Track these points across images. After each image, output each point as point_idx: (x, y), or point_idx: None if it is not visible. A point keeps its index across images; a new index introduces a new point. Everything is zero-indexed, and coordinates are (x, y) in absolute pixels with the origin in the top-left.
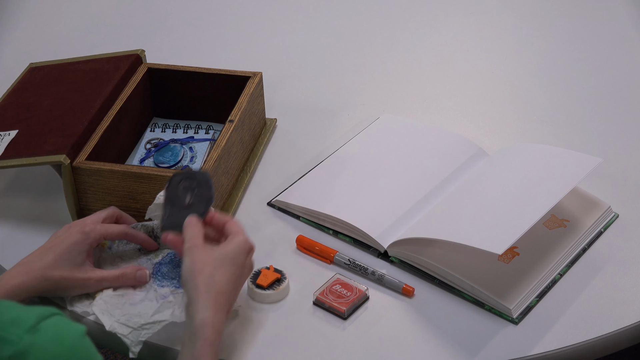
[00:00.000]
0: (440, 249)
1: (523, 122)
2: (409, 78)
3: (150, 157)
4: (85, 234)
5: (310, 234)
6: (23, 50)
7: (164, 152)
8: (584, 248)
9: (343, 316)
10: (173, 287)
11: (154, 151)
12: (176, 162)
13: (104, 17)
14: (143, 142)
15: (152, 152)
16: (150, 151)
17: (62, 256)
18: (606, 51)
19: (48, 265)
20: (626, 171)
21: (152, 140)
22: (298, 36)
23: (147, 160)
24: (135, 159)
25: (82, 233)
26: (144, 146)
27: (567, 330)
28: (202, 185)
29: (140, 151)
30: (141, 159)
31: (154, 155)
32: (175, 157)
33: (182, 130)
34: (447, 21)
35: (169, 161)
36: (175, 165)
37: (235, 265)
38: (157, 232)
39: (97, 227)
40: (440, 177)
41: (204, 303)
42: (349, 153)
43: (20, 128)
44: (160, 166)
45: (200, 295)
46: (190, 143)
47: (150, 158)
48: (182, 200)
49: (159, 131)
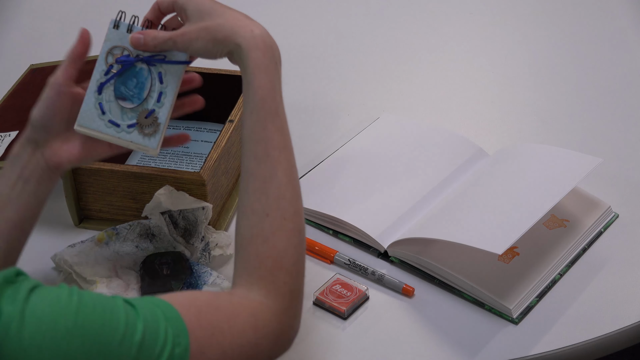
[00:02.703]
0: (440, 249)
1: (523, 122)
2: (409, 78)
3: (110, 82)
4: (52, 86)
5: (310, 234)
6: (23, 51)
7: (127, 80)
8: (584, 248)
9: (343, 316)
10: None
11: (115, 75)
12: (141, 100)
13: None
14: (105, 50)
15: (114, 76)
16: (112, 70)
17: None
18: (606, 51)
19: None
20: (626, 171)
21: (115, 49)
22: (298, 36)
23: (107, 89)
24: (94, 78)
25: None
26: (104, 57)
27: (567, 330)
28: (178, 261)
29: (100, 65)
30: (100, 83)
31: (115, 82)
32: (141, 89)
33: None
34: (447, 21)
35: (132, 97)
36: (139, 107)
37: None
38: (154, 230)
39: (59, 73)
40: (440, 177)
41: (224, 22)
42: (349, 153)
43: (20, 129)
44: (122, 104)
45: (215, 17)
46: (161, 66)
47: (111, 86)
48: (159, 273)
49: (124, 30)
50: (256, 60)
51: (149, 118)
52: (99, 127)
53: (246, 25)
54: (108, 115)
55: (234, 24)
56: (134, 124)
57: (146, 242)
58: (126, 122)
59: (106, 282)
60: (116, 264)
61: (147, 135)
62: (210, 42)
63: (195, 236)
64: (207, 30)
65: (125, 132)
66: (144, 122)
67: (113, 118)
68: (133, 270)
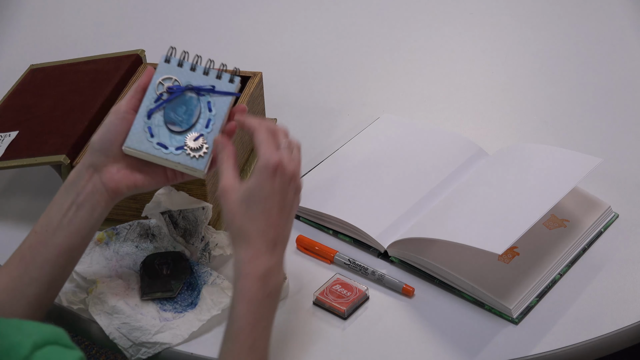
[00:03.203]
0: (440, 249)
1: (523, 122)
2: (409, 78)
3: (160, 109)
4: (115, 112)
5: (310, 234)
6: (24, 51)
7: (176, 107)
8: (584, 248)
9: (343, 316)
10: (175, 312)
11: (165, 101)
12: (189, 125)
13: (104, 17)
14: (156, 80)
15: (164, 103)
16: (162, 98)
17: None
18: (606, 51)
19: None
20: (626, 171)
21: (166, 80)
22: (298, 36)
23: (156, 114)
24: (143, 105)
25: (112, 114)
26: (155, 87)
27: (567, 330)
28: (177, 261)
29: (150, 93)
30: (150, 109)
31: (164, 109)
32: (190, 116)
33: (202, 71)
34: (447, 21)
35: (180, 122)
36: (188, 131)
37: (262, 201)
38: (154, 230)
39: (123, 102)
40: (440, 177)
41: (238, 250)
42: (349, 153)
43: (20, 129)
44: (171, 128)
45: (235, 244)
46: (210, 97)
47: (160, 112)
48: (159, 273)
49: (175, 64)
50: (244, 289)
51: (197, 141)
52: (147, 149)
53: (255, 253)
54: (156, 138)
55: (246, 240)
56: (182, 146)
57: (146, 242)
58: (174, 145)
59: (106, 282)
60: (116, 264)
61: (195, 158)
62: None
63: (195, 236)
64: (226, 223)
65: (174, 153)
66: (192, 145)
67: (161, 140)
68: (133, 270)
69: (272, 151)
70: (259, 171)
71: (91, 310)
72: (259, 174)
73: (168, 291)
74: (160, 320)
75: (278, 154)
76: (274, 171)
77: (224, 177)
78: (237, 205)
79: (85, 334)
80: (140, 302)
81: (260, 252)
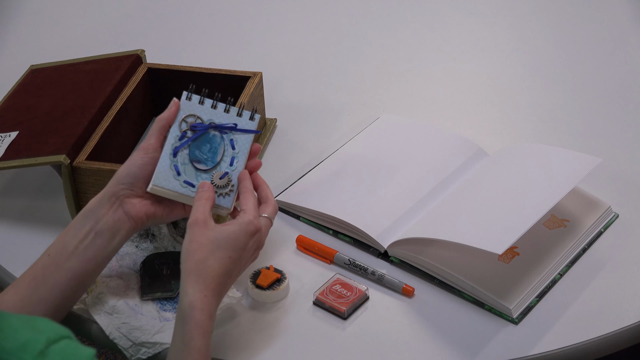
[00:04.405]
0: (440, 249)
1: (523, 122)
2: (409, 78)
3: (186, 147)
4: (144, 150)
5: (310, 234)
6: (24, 52)
7: (201, 145)
8: (584, 248)
9: (343, 316)
10: (175, 312)
11: (190, 139)
12: (214, 163)
13: (103, 17)
14: (179, 118)
15: (189, 141)
16: (186, 135)
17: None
18: (606, 51)
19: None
20: (626, 171)
21: (189, 117)
22: (298, 36)
23: (181, 153)
24: (168, 142)
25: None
26: (178, 124)
27: (567, 330)
28: (177, 261)
29: (174, 131)
30: (175, 147)
31: (189, 147)
32: (214, 154)
33: (223, 108)
34: (447, 21)
35: (206, 160)
36: (213, 170)
37: (233, 250)
38: (154, 230)
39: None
40: (440, 177)
41: (193, 286)
42: (349, 153)
43: (20, 129)
44: (197, 166)
45: (190, 278)
46: (232, 134)
47: (185, 149)
48: (159, 273)
49: (197, 101)
50: (202, 323)
51: (223, 179)
52: (175, 187)
53: (209, 293)
54: (183, 177)
55: (202, 277)
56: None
57: (146, 242)
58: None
59: (106, 282)
60: (116, 264)
61: (222, 196)
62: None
63: None
64: (186, 253)
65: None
66: (218, 182)
67: (188, 179)
68: (133, 270)
69: (257, 215)
70: (243, 224)
71: (91, 310)
72: (241, 226)
73: (168, 291)
74: (160, 320)
75: (264, 220)
76: (254, 233)
77: (200, 211)
78: (207, 240)
79: (85, 334)
80: (140, 302)
81: (214, 292)
